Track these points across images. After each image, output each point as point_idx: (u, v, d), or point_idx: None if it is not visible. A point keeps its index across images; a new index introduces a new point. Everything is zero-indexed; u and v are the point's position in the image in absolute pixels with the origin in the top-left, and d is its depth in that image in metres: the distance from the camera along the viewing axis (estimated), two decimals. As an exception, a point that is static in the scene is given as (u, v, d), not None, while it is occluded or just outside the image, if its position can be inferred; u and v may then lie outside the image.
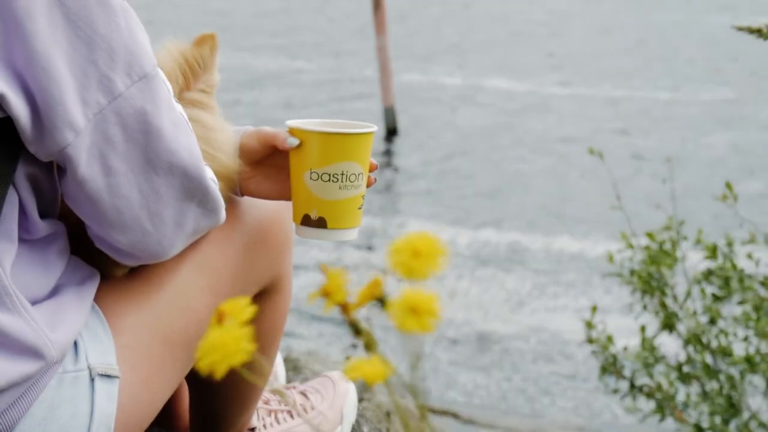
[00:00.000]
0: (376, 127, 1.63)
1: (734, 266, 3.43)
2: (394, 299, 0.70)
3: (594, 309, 3.69)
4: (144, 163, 1.37)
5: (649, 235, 3.63)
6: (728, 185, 3.46)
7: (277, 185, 1.67)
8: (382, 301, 0.76)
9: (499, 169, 9.62)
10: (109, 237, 1.42)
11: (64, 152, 1.32)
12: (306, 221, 1.62)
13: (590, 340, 3.66)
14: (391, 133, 10.96)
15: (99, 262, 1.51)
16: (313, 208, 1.60)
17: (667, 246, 3.60)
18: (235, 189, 1.66)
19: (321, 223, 1.61)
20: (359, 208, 1.63)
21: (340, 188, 1.59)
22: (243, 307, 0.74)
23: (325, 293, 0.77)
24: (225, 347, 0.72)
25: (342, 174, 1.58)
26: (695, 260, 3.67)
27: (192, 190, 1.43)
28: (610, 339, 3.63)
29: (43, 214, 1.41)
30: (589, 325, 3.66)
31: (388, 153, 10.45)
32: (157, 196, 1.40)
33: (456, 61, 15.34)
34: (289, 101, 12.42)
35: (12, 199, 1.34)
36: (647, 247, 3.62)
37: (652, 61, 15.25)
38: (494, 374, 5.70)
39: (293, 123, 1.61)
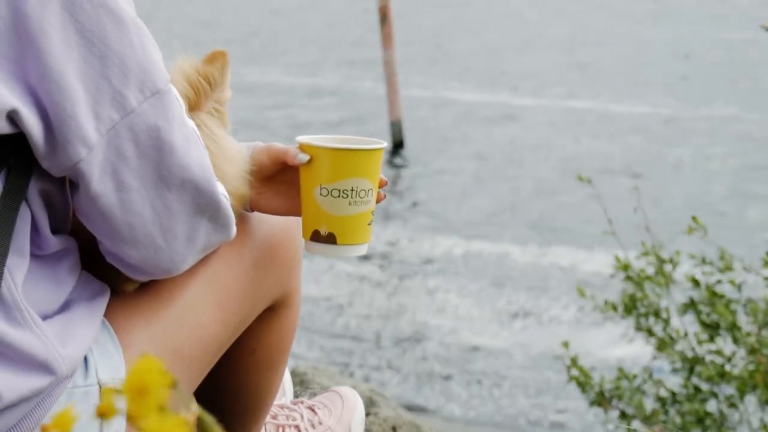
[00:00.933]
0: (385, 143, 1.63)
1: (714, 293, 3.44)
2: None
3: (566, 344, 3.68)
4: (156, 179, 1.37)
5: (625, 266, 3.63)
6: (695, 219, 3.45)
7: (287, 201, 1.68)
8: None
9: (502, 184, 9.62)
10: (121, 252, 1.42)
11: (77, 167, 1.32)
12: (315, 237, 1.62)
13: (575, 379, 3.65)
14: (398, 146, 10.95)
15: (109, 277, 1.52)
16: (323, 224, 1.61)
17: (650, 271, 3.61)
18: (245, 208, 1.66)
19: (330, 239, 1.61)
20: (369, 224, 1.64)
21: (349, 204, 1.60)
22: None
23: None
24: None
25: (352, 190, 1.59)
26: (682, 280, 3.67)
27: (203, 205, 1.43)
28: (587, 375, 3.62)
29: (55, 230, 1.41)
30: (573, 362, 3.65)
31: (394, 167, 10.45)
32: (169, 212, 1.40)
33: (459, 75, 15.35)
34: (292, 116, 12.42)
35: (24, 215, 1.35)
36: (628, 276, 3.62)
37: (643, 75, 15.28)
38: (486, 386, 5.71)
39: (303, 139, 1.62)
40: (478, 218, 8.59)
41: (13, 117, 1.28)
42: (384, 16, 11.22)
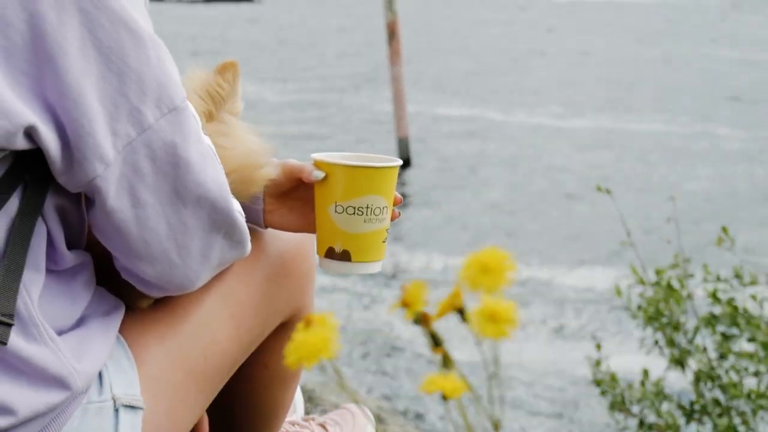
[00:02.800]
0: (400, 161, 1.63)
1: (736, 308, 3.43)
2: (474, 309, 0.75)
3: (598, 346, 3.69)
4: (172, 196, 1.37)
5: (658, 272, 3.63)
6: (724, 229, 3.45)
7: (301, 218, 1.68)
8: (461, 311, 0.80)
9: (510, 201, 9.61)
10: (136, 268, 1.42)
11: (93, 183, 1.32)
12: (330, 254, 1.62)
13: (597, 382, 3.65)
14: (405, 164, 10.93)
15: (124, 293, 1.52)
16: (338, 241, 1.61)
17: (675, 284, 3.60)
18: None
19: (345, 256, 1.61)
20: (383, 242, 1.64)
21: (365, 221, 1.60)
22: (330, 317, 0.80)
23: (405, 304, 0.79)
24: (312, 345, 0.78)
25: (367, 207, 1.59)
26: (703, 296, 3.67)
27: (219, 222, 1.43)
28: (614, 378, 3.63)
29: (70, 246, 1.41)
30: (598, 364, 3.66)
31: (400, 184, 10.45)
32: (185, 228, 1.40)
33: (466, 93, 15.37)
34: (301, 132, 12.43)
35: (40, 231, 1.35)
36: (656, 283, 3.62)
37: (649, 94, 15.31)
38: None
39: (319, 156, 1.62)
40: (476, 236, 8.59)
41: (30, 133, 1.28)
42: (392, 33, 11.22)
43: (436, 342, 0.79)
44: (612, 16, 26.32)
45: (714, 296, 3.47)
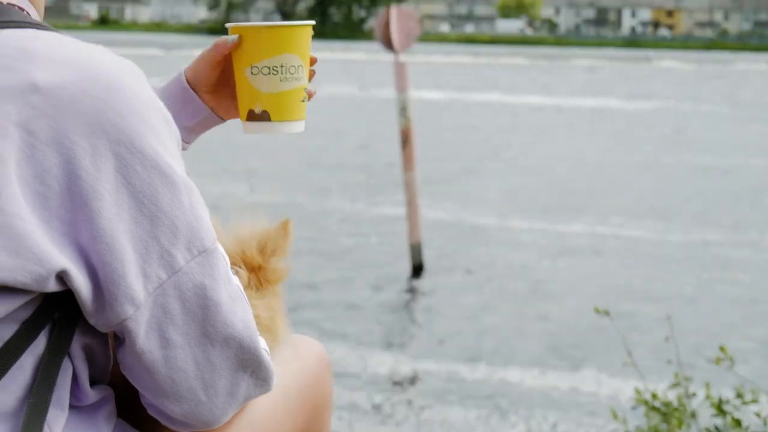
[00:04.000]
0: (313, 22, 1.70)
1: (739, 422, 3.41)
2: None
3: None
4: (201, 336, 1.38)
5: (654, 396, 3.61)
6: (722, 348, 3.44)
7: None
8: None
9: (523, 312, 9.60)
10: (163, 406, 1.42)
11: (124, 325, 1.33)
12: (251, 116, 1.69)
13: None
14: (417, 270, 10.88)
15: (148, 426, 1.52)
16: (257, 102, 1.67)
17: (676, 404, 3.59)
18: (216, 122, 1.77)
19: (265, 117, 1.68)
20: (302, 101, 1.70)
21: (281, 80, 1.66)
22: None
23: None
24: None
25: (281, 66, 1.66)
26: (705, 414, 3.64)
27: (246, 361, 1.44)
28: None
29: (94, 382, 1.42)
30: None
31: (411, 290, 10.43)
32: (212, 367, 1.40)
33: (477, 197, 15.46)
34: (306, 233, 12.45)
35: (66, 368, 1.36)
36: (654, 408, 3.59)
37: (642, 199, 15.40)
38: None
39: (233, 24, 1.70)
40: (484, 344, 8.54)
41: (62, 277, 1.30)
42: (406, 139, 11.29)
43: None
44: (604, 122, 26.60)
45: (719, 408, 3.45)
